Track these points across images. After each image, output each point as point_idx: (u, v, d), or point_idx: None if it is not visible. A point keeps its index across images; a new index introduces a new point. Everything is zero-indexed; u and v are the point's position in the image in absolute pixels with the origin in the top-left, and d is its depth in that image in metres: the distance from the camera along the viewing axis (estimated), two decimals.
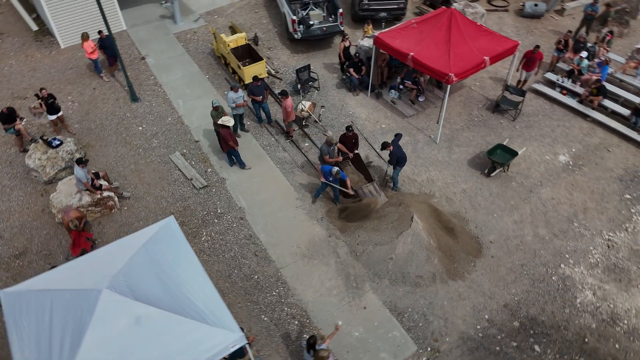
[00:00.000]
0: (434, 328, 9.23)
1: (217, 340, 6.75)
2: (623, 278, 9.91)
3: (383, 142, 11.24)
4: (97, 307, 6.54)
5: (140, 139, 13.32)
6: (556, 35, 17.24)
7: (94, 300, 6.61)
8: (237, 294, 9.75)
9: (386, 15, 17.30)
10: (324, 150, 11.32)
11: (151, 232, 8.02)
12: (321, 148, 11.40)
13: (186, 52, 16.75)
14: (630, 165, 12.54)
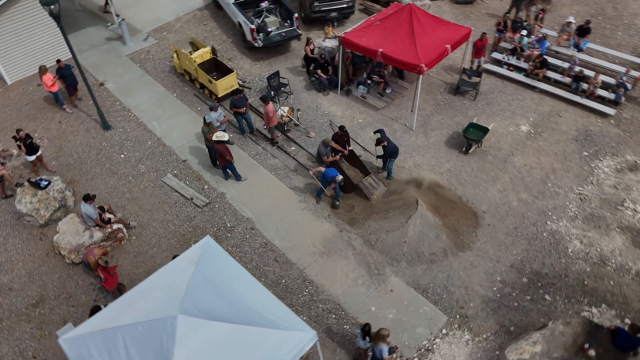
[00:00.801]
0: (457, 297, 10.15)
1: (294, 342, 7.17)
2: (601, 224, 11.39)
3: (377, 139, 11.99)
4: (177, 332, 6.72)
5: (126, 167, 13.12)
6: (491, 18, 18.84)
7: (171, 327, 6.78)
8: None
9: (337, 14, 18.02)
10: (322, 151, 11.86)
11: (195, 254, 8.21)
12: (319, 150, 11.93)
13: (145, 72, 16.51)
14: (581, 126, 14.21)
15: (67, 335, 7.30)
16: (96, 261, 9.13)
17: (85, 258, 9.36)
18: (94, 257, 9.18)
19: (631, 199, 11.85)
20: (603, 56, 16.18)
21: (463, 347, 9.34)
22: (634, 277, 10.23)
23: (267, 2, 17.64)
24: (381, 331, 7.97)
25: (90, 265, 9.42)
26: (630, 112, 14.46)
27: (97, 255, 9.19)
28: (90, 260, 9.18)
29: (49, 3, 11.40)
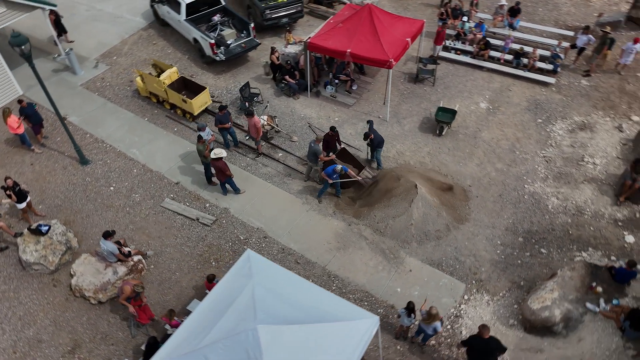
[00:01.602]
0: (469, 265, 11.25)
1: (362, 329, 7.80)
2: (570, 180, 13.00)
3: (365, 133, 12.78)
4: (261, 342, 7.13)
5: (119, 199, 12.93)
6: (427, 8, 20.26)
7: (253, 338, 7.16)
8: None
9: (287, 20, 18.55)
10: (318, 149, 12.40)
11: (244, 267, 8.57)
12: (314, 149, 12.43)
13: (107, 100, 16.14)
14: (529, 96, 15.89)
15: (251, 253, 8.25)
16: (132, 289, 9.14)
17: (124, 290, 9.34)
18: (130, 286, 9.19)
19: (588, 154, 13.59)
20: (532, 32, 18.07)
21: (485, 308, 10.44)
22: (608, 220, 11.87)
23: (219, 16, 17.81)
24: (432, 310, 8.79)
25: (120, 295, 9.38)
26: (567, 79, 16.35)
27: (131, 285, 9.21)
28: (126, 289, 9.18)
29: (19, 44, 11.01)
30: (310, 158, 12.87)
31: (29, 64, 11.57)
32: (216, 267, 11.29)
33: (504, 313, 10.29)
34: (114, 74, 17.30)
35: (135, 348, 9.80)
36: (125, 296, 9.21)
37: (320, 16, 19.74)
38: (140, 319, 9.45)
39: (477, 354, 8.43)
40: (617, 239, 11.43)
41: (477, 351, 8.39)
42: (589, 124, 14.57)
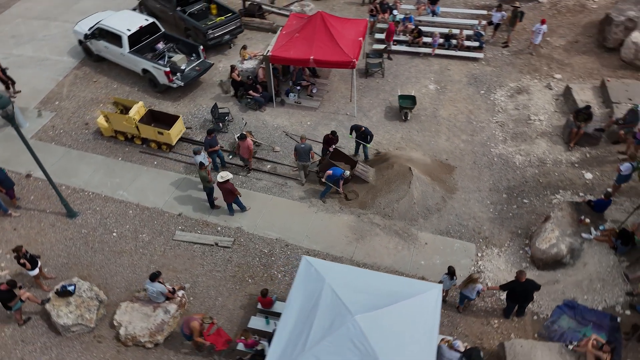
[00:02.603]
0: (472, 227, 12.80)
1: (433, 298, 8.87)
2: (526, 138, 15.11)
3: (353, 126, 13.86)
4: (363, 329, 7.92)
5: (128, 242, 12.73)
6: (350, 6, 21.66)
7: (355, 327, 7.94)
8: None
9: (229, 37, 18.90)
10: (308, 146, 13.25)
11: (312, 272, 9.23)
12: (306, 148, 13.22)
13: (68, 148, 15.49)
14: (466, 72, 17.91)
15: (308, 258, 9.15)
16: (202, 323, 9.37)
17: (187, 329, 9.48)
18: (199, 321, 9.40)
19: (532, 113, 15.83)
20: (452, 15, 20.22)
21: (498, 259, 12.05)
22: (567, 164, 14.09)
23: (163, 43, 17.70)
24: (473, 275, 10.10)
25: (193, 334, 9.56)
26: (492, 52, 18.64)
27: (199, 319, 9.44)
28: (195, 325, 9.36)
29: (2, 106, 10.48)
30: (303, 158, 13.53)
31: (12, 125, 11.02)
32: (254, 283, 11.71)
33: (514, 259, 11.97)
34: (63, 119, 16.54)
35: None
36: (198, 332, 9.40)
37: (256, 28, 20.28)
38: (218, 345, 9.69)
39: (517, 296, 9.91)
40: (579, 178, 13.67)
41: (517, 293, 9.87)
42: (523, 88, 16.88)
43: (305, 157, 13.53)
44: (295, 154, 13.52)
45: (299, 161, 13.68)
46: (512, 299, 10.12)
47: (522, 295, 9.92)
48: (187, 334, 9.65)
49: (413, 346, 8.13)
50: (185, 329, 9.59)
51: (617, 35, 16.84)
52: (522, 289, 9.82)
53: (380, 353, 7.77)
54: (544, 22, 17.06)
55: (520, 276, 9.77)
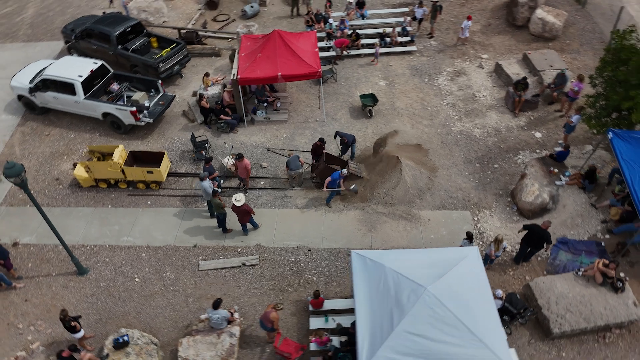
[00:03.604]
0: (461, 197, 14.55)
1: (474, 259, 10.32)
2: (477, 113, 17.28)
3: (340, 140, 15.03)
4: (439, 297, 9.14)
5: (155, 284, 12.74)
6: (281, 20, 22.72)
7: (431, 297, 9.09)
8: None
9: (179, 67, 19.06)
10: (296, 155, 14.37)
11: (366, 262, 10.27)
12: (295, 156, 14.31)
13: (47, 207, 14.84)
14: (407, 65, 19.83)
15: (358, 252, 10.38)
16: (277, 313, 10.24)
17: (269, 322, 10.22)
18: (274, 311, 10.21)
19: (476, 91, 18.08)
20: (379, 16, 22.10)
21: (492, 219, 13.91)
22: (518, 129, 16.42)
23: (117, 83, 17.45)
24: (499, 237, 11.71)
25: (274, 323, 10.26)
26: (421, 44, 20.75)
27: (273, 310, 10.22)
28: (275, 316, 10.18)
29: (13, 175, 10.17)
30: (294, 166, 14.41)
31: (25, 191, 10.66)
32: (294, 290, 12.40)
33: (505, 216, 13.91)
34: (29, 180, 15.69)
35: None
36: (278, 320, 10.17)
37: (199, 54, 20.58)
38: (293, 355, 10.31)
39: (533, 240, 11.69)
40: (531, 138, 16.05)
41: (534, 237, 11.64)
42: (460, 70, 19.15)
43: (296, 164, 14.44)
44: (287, 167, 14.43)
45: (290, 171, 14.51)
46: (527, 242, 11.85)
47: (537, 240, 11.67)
48: (269, 327, 10.33)
49: (477, 302, 9.50)
50: (267, 323, 10.28)
51: (524, 14, 19.74)
52: (539, 236, 11.58)
53: (457, 313, 9.02)
54: (469, 19, 19.42)
55: (547, 224, 11.57)
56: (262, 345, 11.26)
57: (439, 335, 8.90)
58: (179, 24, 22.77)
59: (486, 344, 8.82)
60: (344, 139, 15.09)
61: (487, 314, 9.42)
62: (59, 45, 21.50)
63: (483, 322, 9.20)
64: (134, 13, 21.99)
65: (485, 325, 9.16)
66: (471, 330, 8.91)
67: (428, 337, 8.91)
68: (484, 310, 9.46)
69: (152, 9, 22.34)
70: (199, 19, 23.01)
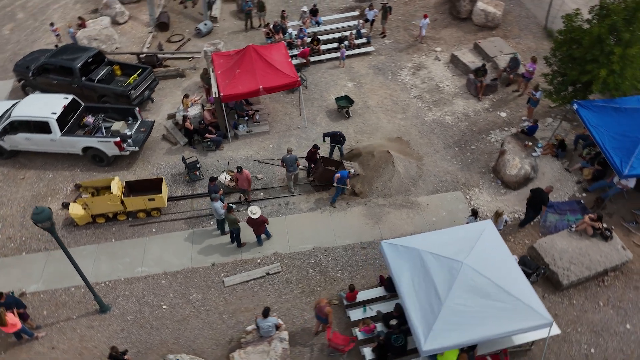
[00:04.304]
0: (450, 180, 15.77)
1: (492, 231, 11.49)
2: (445, 101, 18.69)
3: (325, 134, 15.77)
4: (474, 266, 10.18)
5: (184, 307, 12.79)
6: (237, 34, 23.04)
7: (468, 268, 10.14)
8: None
9: (149, 92, 18.90)
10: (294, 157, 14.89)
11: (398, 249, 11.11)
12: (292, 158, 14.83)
13: (45, 251, 14.35)
14: (368, 65, 20.89)
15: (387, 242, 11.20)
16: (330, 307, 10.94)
17: (323, 314, 10.88)
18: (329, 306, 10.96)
19: (438, 82, 19.51)
20: (332, 22, 23.06)
21: (482, 196, 15.24)
22: (484, 111, 17.99)
23: (91, 116, 17.07)
24: (499, 210, 12.94)
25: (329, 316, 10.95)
26: (377, 44, 21.96)
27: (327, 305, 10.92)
28: (329, 310, 10.89)
29: (43, 220, 9.99)
30: (291, 167, 15.02)
31: (53, 236, 10.45)
32: (323, 289, 12.97)
33: (493, 190, 15.32)
34: (15, 227, 15.07)
35: None
36: (331, 314, 10.90)
37: (163, 77, 20.45)
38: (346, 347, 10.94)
39: (535, 200, 13.05)
40: (497, 118, 17.69)
41: (536, 200, 13.00)
42: (419, 65, 20.54)
43: (293, 166, 15.04)
44: (283, 164, 14.99)
45: (287, 171, 15.10)
46: (530, 205, 13.23)
47: (538, 202, 13.05)
48: (323, 317, 10.98)
49: (505, 267, 10.64)
50: (322, 315, 10.93)
51: (466, 7, 21.52)
52: (540, 198, 12.97)
53: (494, 280, 10.10)
54: (426, 17, 20.81)
55: (549, 188, 13.01)
56: (310, 344, 11.74)
57: (483, 302, 9.92)
58: (132, 48, 22.46)
59: (524, 302, 9.97)
60: (335, 136, 15.87)
61: (516, 276, 10.57)
62: (7, 85, 20.49)
63: (515, 283, 10.34)
64: (84, 42, 21.39)
65: (517, 286, 10.31)
66: (509, 293, 10.01)
67: (474, 304, 9.90)
68: (513, 273, 10.61)
69: (102, 36, 21.83)
70: (153, 42, 22.79)
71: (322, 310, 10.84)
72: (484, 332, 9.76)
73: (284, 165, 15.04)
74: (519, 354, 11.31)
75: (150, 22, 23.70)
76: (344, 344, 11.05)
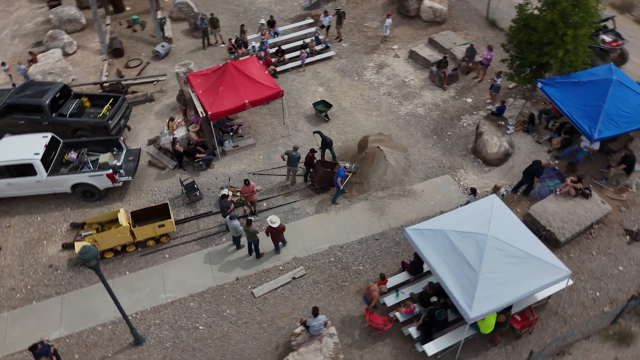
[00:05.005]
0: (437, 165, 17.04)
1: (499, 204, 12.78)
2: (413, 95, 19.96)
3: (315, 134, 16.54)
4: (498, 236, 11.39)
5: (222, 325, 12.97)
6: (194, 53, 23.08)
7: (490, 238, 11.33)
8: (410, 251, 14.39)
9: (124, 120, 18.59)
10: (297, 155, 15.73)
11: (424, 233, 12.09)
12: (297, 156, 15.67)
13: (57, 295, 13.92)
14: (332, 69, 21.78)
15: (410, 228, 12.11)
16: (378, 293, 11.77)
17: (370, 297, 11.72)
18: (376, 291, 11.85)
19: (403, 77, 20.79)
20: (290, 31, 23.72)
21: (468, 175, 16.61)
22: (451, 99, 19.49)
23: (73, 151, 16.60)
24: (497, 185, 14.27)
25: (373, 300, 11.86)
26: (336, 48, 22.92)
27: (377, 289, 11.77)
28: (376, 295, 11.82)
29: (91, 259, 9.94)
30: (292, 164, 15.85)
31: (97, 273, 10.37)
32: (351, 283, 13.67)
33: (477, 170, 16.76)
34: (16, 277, 14.44)
35: None
36: (376, 300, 11.57)
37: (132, 103, 20.13)
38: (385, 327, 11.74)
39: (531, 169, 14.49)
40: (465, 104, 19.26)
41: (533, 167, 14.46)
42: (381, 63, 21.75)
43: (294, 163, 15.86)
44: (284, 157, 15.85)
45: (288, 165, 15.97)
46: (526, 173, 14.73)
47: (532, 172, 14.55)
48: (370, 300, 11.81)
49: (521, 233, 11.95)
50: (369, 297, 11.80)
51: (414, 5, 23.05)
52: (535, 169, 14.48)
53: (518, 245, 11.36)
54: (389, 16, 22.02)
55: (545, 163, 14.55)
56: (355, 334, 12.40)
57: (512, 266, 11.12)
58: (90, 78, 21.87)
59: (545, 260, 11.31)
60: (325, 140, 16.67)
61: (531, 240, 11.91)
62: None
63: (533, 245, 11.68)
64: (38, 78, 20.57)
65: (535, 247, 11.65)
66: (531, 254, 11.32)
67: (505, 269, 11.08)
68: (528, 237, 11.94)
69: (57, 69, 21.08)
70: (110, 69, 22.30)
71: (370, 293, 11.61)
72: (518, 292, 10.96)
73: (284, 158, 15.90)
74: (539, 309, 12.68)
75: (102, 49, 23.10)
76: (382, 323, 11.85)
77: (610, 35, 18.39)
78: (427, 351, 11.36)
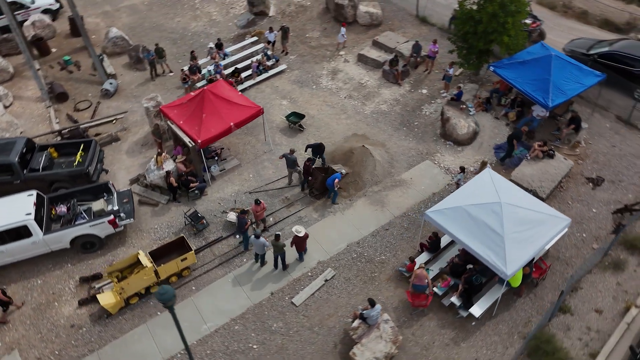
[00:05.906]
0: (415, 153, 18.57)
1: (497, 177, 14.58)
2: (373, 94, 21.42)
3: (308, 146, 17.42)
4: (512, 201, 13.12)
5: (273, 338, 13.36)
6: (147, 84, 22.72)
7: (504, 207, 13.03)
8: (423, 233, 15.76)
9: (101, 164, 17.98)
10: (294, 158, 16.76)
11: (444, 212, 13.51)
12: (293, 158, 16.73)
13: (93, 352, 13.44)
14: (288, 81, 22.55)
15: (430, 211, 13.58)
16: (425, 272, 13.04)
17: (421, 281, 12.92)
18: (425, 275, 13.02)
19: (359, 79, 22.20)
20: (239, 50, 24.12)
21: (447, 156, 18.33)
22: (407, 93, 21.23)
23: (63, 205, 15.88)
24: (484, 160, 16.07)
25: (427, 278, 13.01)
26: (285, 61, 23.79)
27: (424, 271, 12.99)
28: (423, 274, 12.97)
29: (168, 299, 10.02)
30: (290, 165, 16.85)
31: (171, 313, 10.38)
32: (380, 272, 14.72)
33: (450, 150, 18.60)
34: (37, 347, 13.64)
35: None
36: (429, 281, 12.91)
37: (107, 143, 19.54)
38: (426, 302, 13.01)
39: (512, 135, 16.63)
40: (421, 96, 21.11)
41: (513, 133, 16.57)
42: (333, 70, 22.97)
43: (292, 166, 16.86)
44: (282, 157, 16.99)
45: (287, 167, 17.06)
46: (509, 139, 16.84)
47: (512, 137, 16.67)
48: (424, 283, 12.97)
49: (523, 195, 13.81)
50: (422, 281, 12.96)
51: (350, 12, 24.61)
52: (515, 134, 16.59)
53: (526, 206, 13.17)
54: (344, 25, 23.21)
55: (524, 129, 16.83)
56: (402, 318, 13.46)
57: (528, 224, 12.88)
58: (40, 128, 20.69)
59: (550, 214, 13.24)
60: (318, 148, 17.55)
61: (531, 199, 13.81)
62: None
63: (535, 204, 13.58)
64: None
65: (537, 205, 13.56)
66: (539, 211, 13.18)
67: (523, 228, 12.79)
68: (528, 198, 13.84)
69: (3, 124, 19.73)
70: (59, 116, 21.24)
71: (422, 278, 12.73)
72: (538, 244, 12.76)
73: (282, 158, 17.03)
74: (545, 258, 14.65)
75: (42, 95, 21.88)
76: (424, 299, 13.08)
77: (529, 18, 21.27)
78: (474, 313, 12.76)
